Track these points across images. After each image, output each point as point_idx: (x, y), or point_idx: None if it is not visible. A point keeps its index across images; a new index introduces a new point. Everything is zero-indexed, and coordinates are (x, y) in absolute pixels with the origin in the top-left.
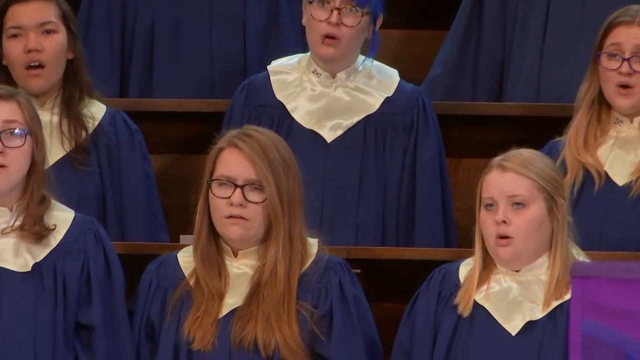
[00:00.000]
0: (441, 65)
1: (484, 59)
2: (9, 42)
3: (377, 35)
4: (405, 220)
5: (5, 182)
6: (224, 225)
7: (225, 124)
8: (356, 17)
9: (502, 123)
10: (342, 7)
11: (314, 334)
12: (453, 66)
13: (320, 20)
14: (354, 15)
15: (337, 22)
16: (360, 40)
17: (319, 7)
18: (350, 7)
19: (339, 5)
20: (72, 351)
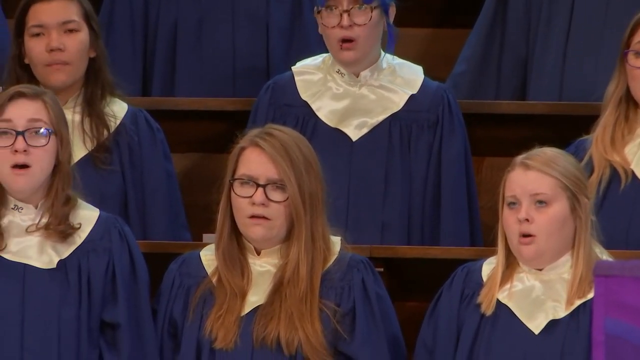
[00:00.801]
0: (465, 63)
1: (508, 56)
2: (31, 40)
3: (392, 26)
4: (430, 218)
5: (28, 181)
6: (247, 225)
7: (250, 123)
8: (366, 14)
9: (526, 121)
10: (350, 8)
11: (337, 332)
12: (477, 63)
13: (333, 26)
14: (363, 13)
15: (349, 24)
16: (377, 35)
17: (328, 13)
18: (358, 5)
19: (346, 7)
20: (97, 349)
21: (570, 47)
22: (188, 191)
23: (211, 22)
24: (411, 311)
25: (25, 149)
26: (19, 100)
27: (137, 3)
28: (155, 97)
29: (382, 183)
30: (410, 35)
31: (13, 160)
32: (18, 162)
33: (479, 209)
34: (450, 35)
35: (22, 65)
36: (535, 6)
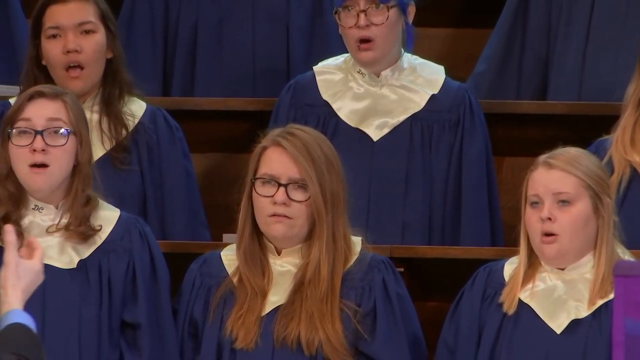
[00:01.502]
0: (486, 62)
1: (528, 56)
2: (47, 42)
3: (410, 26)
4: (451, 218)
5: (46, 181)
6: (268, 223)
7: (272, 123)
8: (383, 14)
9: (546, 121)
10: (367, 8)
11: (358, 332)
12: (498, 63)
13: (350, 26)
14: (380, 12)
15: (367, 24)
16: (396, 35)
17: (345, 14)
18: (375, 5)
19: (363, 7)
20: (117, 349)
21: (590, 47)
22: (208, 191)
23: (231, 23)
24: (432, 311)
25: (43, 149)
26: (39, 99)
27: (158, 3)
28: (176, 97)
29: (402, 183)
30: (431, 35)
31: (31, 160)
32: (36, 161)
33: (499, 209)
34: (471, 35)
35: (39, 67)
36: (556, 6)
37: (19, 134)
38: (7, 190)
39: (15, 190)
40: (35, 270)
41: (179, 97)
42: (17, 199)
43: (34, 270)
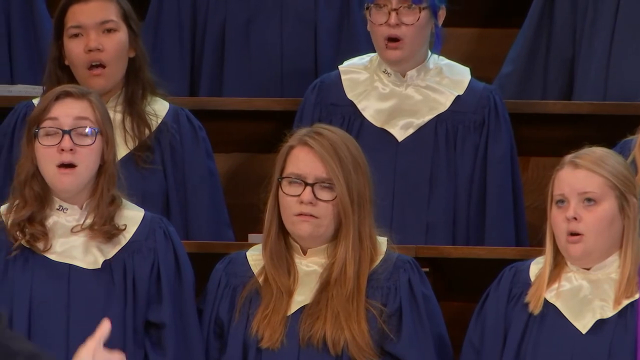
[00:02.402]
0: (512, 63)
1: (554, 57)
2: (70, 42)
3: (440, 28)
4: (476, 218)
5: (73, 181)
6: (294, 222)
7: (297, 122)
8: (414, 15)
9: (571, 121)
10: (399, 7)
11: (383, 332)
12: (524, 64)
13: (380, 24)
14: (412, 13)
15: (397, 23)
16: (424, 36)
17: (377, 11)
18: (407, 5)
19: (395, 6)
20: (142, 349)
21: (615, 48)
22: (234, 191)
23: (259, 23)
24: (457, 311)
25: (71, 148)
26: (66, 99)
27: (185, 3)
28: (202, 97)
29: (427, 183)
30: (458, 35)
31: (59, 159)
32: (64, 161)
33: (524, 210)
34: (498, 36)
35: (62, 67)
36: (581, 7)
37: (46, 134)
38: (32, 190)
39: (41, 190)
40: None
41: (204, 97)
42: (42, 199)
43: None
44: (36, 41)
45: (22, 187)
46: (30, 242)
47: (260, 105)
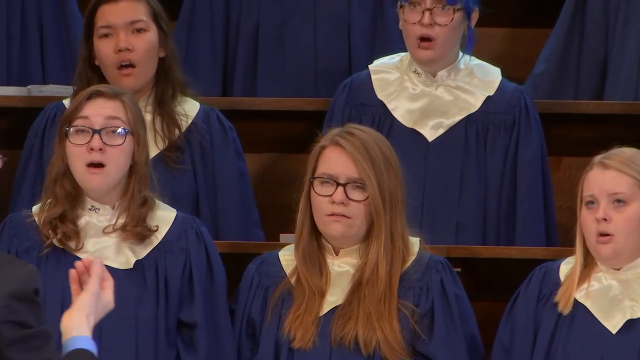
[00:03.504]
0: (545, 63)
1: (586, 56)
2: (99, 42)
3: (472, 30)
4: (506, 219)
5: (102, 181)
6: (326, 223)
7: (327, 122)
8: (448, 15)
9: (603, 121)
10: (433, 7)
11: (415, 332)
12: (556, 64)
13: (413, 22)
14: (446, 13)
15: (430, 23)
16: (457, 37)
17: (411, 10)
18: (441, 5)
19: (429, 6)
20: (174, 349)
21: None
22: (265, 191)
23: (293, 23)
24: (488, 311)
25: (101, 147)
26: (97, 99)
27: (218, 3)
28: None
29: (457, 184)
30: (490, 35)
31: (89, 159)
32: (93, 160)
33: (554, 210)
34: (529, 36)
35: (92, 67)
36: (613, 7)
37: (76, 133)
38: (64, 188)
39: (72, 189)
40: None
41: (236, 97)
42: (73, 198)
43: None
44: (68, 41)
45: (53, 186)
46: (62, 241)
47: (291, 105)
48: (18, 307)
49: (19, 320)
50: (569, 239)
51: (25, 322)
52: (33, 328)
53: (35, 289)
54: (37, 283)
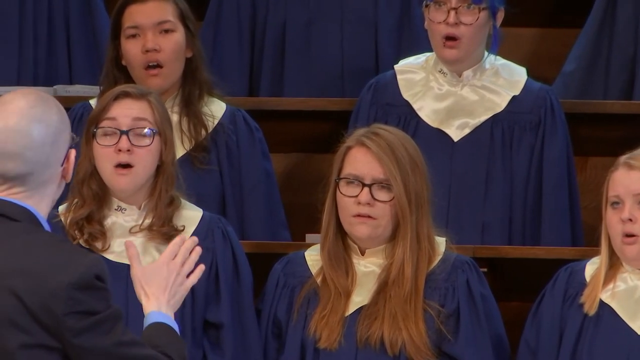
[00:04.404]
0: (574, 62)
1: (616, 56)
2: (127, 42)
3: (498, 30)
4: (531, 219)
5: (130, 181)
6: (352, 223)
7: (352, 122)
8: (474, 15)
9: (629, 121)
10: (459, 6)
11: (441, 332)
12: (586, 63)
13: (439, 22)
14: (471, 12)
15: (455, 22)
16: (482, 37)
17: (436, 9)
18: (467, 5)
19: (454, 5)
20: (200, 349)
21: None
22: (291, 191)
23: (320, 24)
24: (514, 311)
25: (128, 149)
26: (125, 99)
27: (244, 4)
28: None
29: (483, 184)
30: (518, 35)
31: (116, 160)
32: (121, 161)
33: (580, 210)
34: (558, 35)
35: (119, 67)
36: None
37: (104, 134)
38: (91, 189)
39: (99, 190)
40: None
41: (263, 97)
42: (100, 199)
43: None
44: (94, 42)
45: (81, 186)
46: (88, 241)
47: (317, 105)
48: (81, 296)
49: (84, 309)
50: (594, 239)
51: (91, 310)
52: (100, 313)
53: (95, 275)
54: (98, 269)
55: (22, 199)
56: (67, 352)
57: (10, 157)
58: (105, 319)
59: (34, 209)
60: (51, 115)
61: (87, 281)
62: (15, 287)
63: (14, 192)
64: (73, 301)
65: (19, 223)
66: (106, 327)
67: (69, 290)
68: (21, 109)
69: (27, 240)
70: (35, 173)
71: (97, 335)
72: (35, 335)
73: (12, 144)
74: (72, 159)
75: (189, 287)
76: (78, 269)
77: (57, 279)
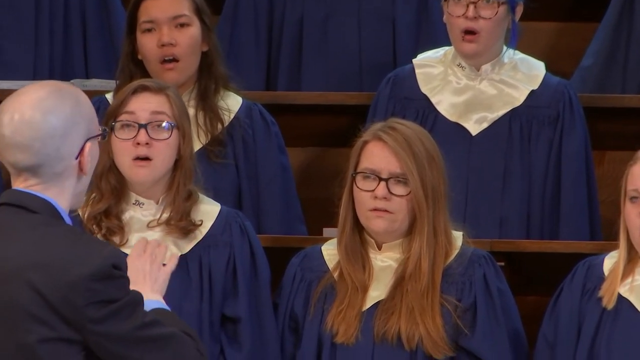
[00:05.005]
0: (593, 56)
1: (634, 50)
2: (143, 36)
3: (517, 24)
4: (550, 213)
5: (149, 174)
6: (368, 218)
7: (370, 116)
8: (493, 9)
9: None
10: (478, 0)
11: (458, 327)
12: (604, 57)
13: (458, 16)
14: (490, 7)
15: (475, 16)
16: (501, 31)
17: (455, 3)
18: None
19: None
20: (218, 343)
21: None
22: (308, 185)
23: (337, 19)
24: (532, 306)
25: (147, 142)
26: (143, 93)
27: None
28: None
29: (501, 178)
30: (536, 29)
31: (135, 153)
32: (140, 154)
33: (598, 204)
34: (576, 30)
35: (135, 62)
36: None
37: (122, 127)
38: (109, 183)
39: (117, 184)
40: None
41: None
42: (118, 193)
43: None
44: (111, 36)
45: (99, 181)
46: (106, 235)
47: (334, 100)
48: (99, 286)
49: (103, 299)
50: (612, 233)
51: (110, 298)
52: (119, 300)
53: (113, 264)
54: (115, 259)
55: (41, 190)
56: (88, 343)
57: (20, 148)
58: (125, 305)
59: (54, 201)
60: (64, 107)
61: (105, 271)
62: (34, 280)
63: (31, 183)
64: (92, 292)
65: (38, 215)
66: (126, 312)
67: (88, 281)
68: (33, 100)
69: (45, 232)
70: (45, 165)
71: (118, 321)
72: (56, 329)
73: (20, 136)
74: (87, 151)
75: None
76: (96, 260)
77: (76, 271)
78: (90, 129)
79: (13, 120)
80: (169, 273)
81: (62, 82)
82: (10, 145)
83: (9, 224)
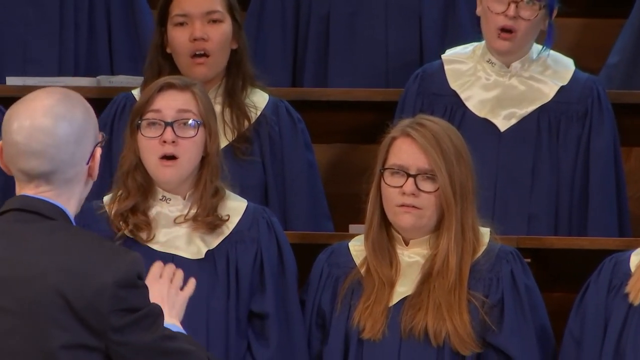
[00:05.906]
0: (619, 54)
1: None
2: (174, 30)
3: (553, 26)
4: (578, 209)
5: (175, 173)
6: (396, 213)
7: (398, 112)
8: (533, 10)
9: None
10: (520, 0)
11: (485, 323)
12: (631, 54)
13: (497, 12)
14: (531, 8)
15: (514, 15)
16: (536, 32)
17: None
18: (528, 0)
19: None
20: (245, 339)
21: None
22: (335, 182)
23: (364, 16)
24: (558, 302)
25: (173, 140)
26: (169, 91)
27: None
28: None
29: (529, 174)
30: (562, 26)
31: (161, 151)
32: (166, 153)
33: (627, 201)
34: (602, 26)
35: (164, 55)
36: None
37: (148, 126)
38: (135, 181)
39: (144, 181)
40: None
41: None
42: (145, 190)
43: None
44: (136, 31)
45: (125, 178)
46: (133, 232)
47: (361, 96)
48: (124, 294)
49: (127, 307)
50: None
51: (133, 307)
52: (142, 310)
53: (138, 274)
54: (140, 267)
55: (52, 197)
56: (109, 352)
57: (35, 155)
58: (147, 314)
59: (64, 207)
60: (75, 113)
61: (130, 279)
62: (60, 286)
63: (42, 190)
64: (117, 299)
65: (55, 221)
66: (148, 322)
67: (114, 288)
68: (45, 106)
69: (68, 238)
70: (59, 171)
71: (140, 330)
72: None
73: (35, 142)
74: (98, 157)
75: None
76: (121, 267)
77: (102, 277)
78: (96, 134)
79: (24, 127)
80: (187, 298)
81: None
82: (25, 152)
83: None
